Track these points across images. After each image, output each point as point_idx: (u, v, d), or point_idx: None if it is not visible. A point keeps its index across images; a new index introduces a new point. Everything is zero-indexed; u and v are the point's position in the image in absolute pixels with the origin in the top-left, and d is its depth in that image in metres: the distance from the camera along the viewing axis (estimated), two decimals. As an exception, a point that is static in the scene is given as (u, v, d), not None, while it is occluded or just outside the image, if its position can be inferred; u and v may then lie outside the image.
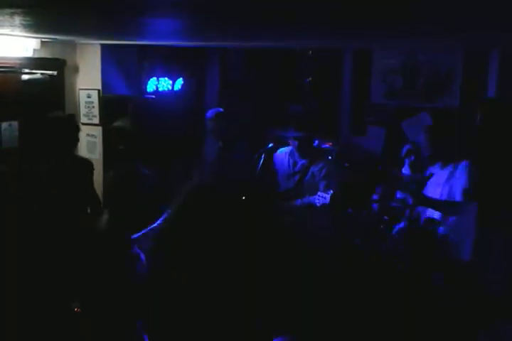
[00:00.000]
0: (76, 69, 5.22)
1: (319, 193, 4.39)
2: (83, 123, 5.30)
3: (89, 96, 5.20)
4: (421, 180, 4.49)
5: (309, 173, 4.66)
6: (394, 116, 6.26)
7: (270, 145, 4.70)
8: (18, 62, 4.67)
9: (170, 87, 5.57)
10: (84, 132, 5.33)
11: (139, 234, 3.14)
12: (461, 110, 5.85)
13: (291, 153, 4.76)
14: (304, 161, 4.71)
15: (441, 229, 4.26)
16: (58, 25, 3.52)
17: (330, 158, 6.25)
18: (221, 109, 5.81)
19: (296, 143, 4.62)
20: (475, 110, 5.61)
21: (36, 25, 3.40)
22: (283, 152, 4.83)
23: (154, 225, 3.24)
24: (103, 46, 5.11)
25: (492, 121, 5.34)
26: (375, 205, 5.18)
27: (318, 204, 4.36)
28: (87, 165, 4.40)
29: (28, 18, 2.92)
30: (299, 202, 4.54)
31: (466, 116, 5.72)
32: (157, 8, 2.29)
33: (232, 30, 3.41)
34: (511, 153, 5.08)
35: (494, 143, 5.23)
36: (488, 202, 4.93)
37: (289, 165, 4.75)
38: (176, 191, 2.27)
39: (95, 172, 5.24)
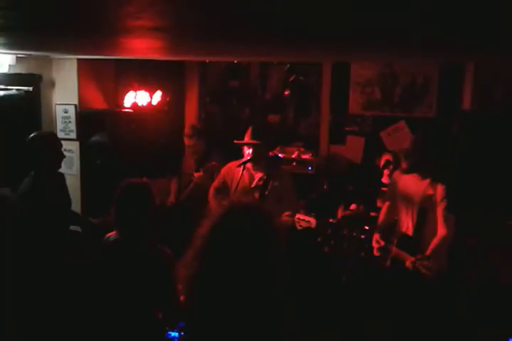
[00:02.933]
0: (52, 85, 5.16)
1: (299, 216, 4.09)
2: (60, 139, 5.25)
3: (65, 111, 5.15)
4: None
5: (269, 188, 4.33)
6: (372, 126, 6.32)
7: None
8: (-7, 78, 4.61)
9: (148, 101, 5.53)
10: (61, 147, 5.28)
11: None
12: (438, 120, 5.93)
13: (244, 167, 4.35)
14: (261, 175, 4.38)
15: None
16: (34, 44, 3.48)
17: (310, 168, 6.28)
18: (195, 125, 5.79)
19: (251, 150, 4.30)
20: (451, 121, 5.68)
21: (11, 43, 3.36)
22: (235, 165, 4.44)
23: None
24: (79, 61, 5.06)
25: (468, 133, 5.40)
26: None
27: (299, 228, 4.06)
28: (62, 178, 4.40)
29: (2, 38, 2.89)
30: None
31: (443, 126, 5.79)
32: (135, 31, 2.28)
33: (209, 48, 3.40)
34: (487, 164, 5.13)
35: (470, 154, 5.29)
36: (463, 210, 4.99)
37: (244, 180, 4.36)
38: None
39: (74, 187, 5.21)
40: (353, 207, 5.13)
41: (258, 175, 4.43)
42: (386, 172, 5.09)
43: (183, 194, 5.46)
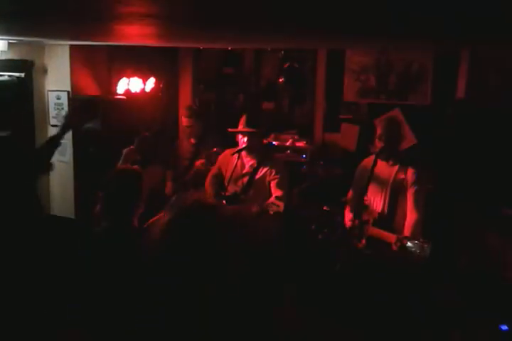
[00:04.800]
0: (45, 71, 5.12)
1: (272, 200, 4.10)
2: (52, 125, 5.22)
3: (58, 98, 5.11)
4: None
5: (258, 174, 4.38)
6: (367, 114, 6.30)
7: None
8: (-16, 64, 4.57)
9: (141, 88, 5.49)
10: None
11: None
12: (433, 108, 5.92)
13: (238, 154, 4.44)
14: (252, 162, 4.44)
15: None
16: (26, 29, 3.45)
17: (304, 156, 6.28)
18: (194, 107, 5.76)
19: (246, 139, 4.32)
20: (446, 109, 5.68)
21: (3, 28, 3.32)
22: (230, 153, 4.49)
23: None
24: (72, 47, 5.01)
25: (462, 121, 5.40)
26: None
27: (271, 212, 4.02)
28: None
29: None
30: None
31: (438, 114, 5.79)
32: (126, 18, 2.25)
33: (201, 35, 3.37)
34: (480, 152, 5.14)
35: (463, 142, 5.30)
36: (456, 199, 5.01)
37: (236, 167, 4.43)
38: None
39: (67, 174, 5.19)
40: (349, 194, 5.14)
41: (250, 162, 4.47)
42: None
43: (185, 182, 5.40)
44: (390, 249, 3.84)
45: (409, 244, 3.64)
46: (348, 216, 4.20)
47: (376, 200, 4.17)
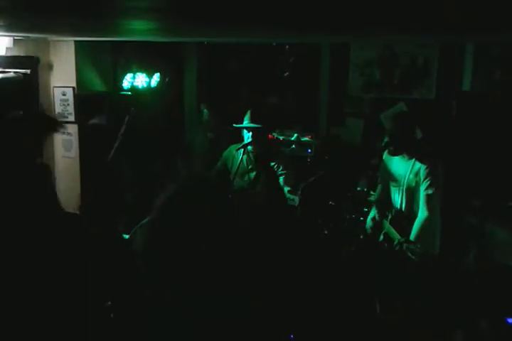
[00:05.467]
0: (50, 67, 5.13)
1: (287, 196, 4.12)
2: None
3: (64, 94, 5.13)
4: None
5: (266, 170, 4.38)
6: (372, 108, 6.31)
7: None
8: (-10, 61, 4.58)
9: (147, 83, 5.50)
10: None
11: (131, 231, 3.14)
12: (437, 102, 5.92)
13: (244, 149, 4.45)
14: (259, 157, 4.43)
15: None
16: (32, 26, 3.46)
17: (309, 151, 6.29)
18: (204, 101, 5.80)
19: (251, 134, 4.37)
20: (450, 103, 5.68)
21: (9, 25, 3.34)
22: (236, 148, 4.51)
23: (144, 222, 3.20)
24: (77, 43, 5.02)
25: (467, 114, 5.40)
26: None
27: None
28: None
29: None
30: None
31: (443, 107, 5.79)
32: (130, 12, 2.26)
33: (206, 30, 3.38)
34: (486, 145, 5.13)
35: (469, 135, 5.29)
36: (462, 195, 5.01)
37: (242, 162, 4.44)
38: (163, 187, 2.38)
39: (73, 170, 5.21)
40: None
41: (256, 157, 4.49)
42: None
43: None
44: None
45: (407, 248, 3.66)
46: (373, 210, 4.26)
47: (395, 196, 4.17)
